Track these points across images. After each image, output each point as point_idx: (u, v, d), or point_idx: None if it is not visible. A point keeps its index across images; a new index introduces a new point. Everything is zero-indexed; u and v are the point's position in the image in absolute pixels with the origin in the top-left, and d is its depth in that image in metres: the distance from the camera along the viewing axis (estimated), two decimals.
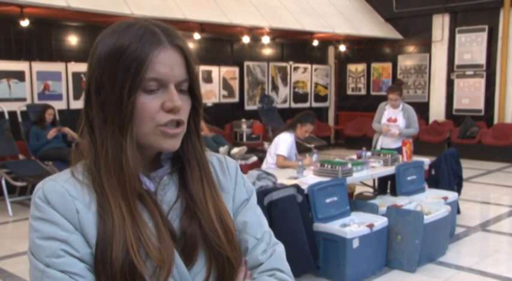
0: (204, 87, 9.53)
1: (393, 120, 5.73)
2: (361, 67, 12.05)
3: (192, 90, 0.92)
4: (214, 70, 10.11)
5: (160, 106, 0.86)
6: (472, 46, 10.16)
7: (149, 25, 0.88)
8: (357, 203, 4.49)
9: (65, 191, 0.85)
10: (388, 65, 11.56)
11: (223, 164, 1.03)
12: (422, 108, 10.99)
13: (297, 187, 3.80)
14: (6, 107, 6.87)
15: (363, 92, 12.08)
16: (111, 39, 0.86)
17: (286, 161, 4.89)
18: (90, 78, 0.88)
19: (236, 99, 10.62)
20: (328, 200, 3.99)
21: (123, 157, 0.85)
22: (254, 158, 7.09)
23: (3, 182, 6.08)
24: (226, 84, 10.41)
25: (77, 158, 0.92)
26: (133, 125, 0.86)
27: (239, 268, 0.94)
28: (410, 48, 11.23)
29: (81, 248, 0.83)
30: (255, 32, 9.26)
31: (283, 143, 4.95)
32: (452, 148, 6.06)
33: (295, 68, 11.68)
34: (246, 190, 1.03)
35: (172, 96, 0.86)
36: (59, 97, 7.86)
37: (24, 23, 6.94)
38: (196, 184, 0.94)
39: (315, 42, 10.88)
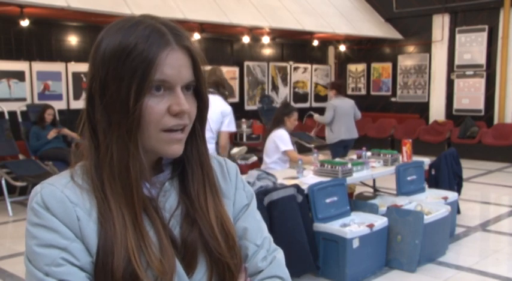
0: None
1: None
2: (361, 67, 12.05)
3: (198, 92, 0.89)
4: None
5: (167, 109, 0.83)
6: (472, 46, 10.16)
7: (156, 24, 0.84)
8: (357, 203, 4.49)
9: (65, 197, 0.82)
10: (388, 65, 11.56)
11: (224, 168, 1.01)
12: (422, 108, 11.00)
13: (297, 187, 3.80)
14: (6, 107, 6.88)
15: (363, 92, 12.08)
16: (116, 38, 0.83)
17: (295, 153, 4.94)
18: (93, 77, 0.84)
19: (236, 99, 10.62)
20: (328, 200, 3.99)
21: (131, 162, 0.82)
22: (254, 158, 7.09)
23: (3, 182, 6.08)
24: (226, 85, 10.40)
25: (76, 159, 0.89)
26: (140, 129, 0.83)
27: (239, 274, 0.93)
28: (410, 48, 11.23)
29: (81, 257, 0.80)
30: (255, 32, 9.26)
31: (285, 138, 4.96)
32: (452, 148, 6.06)
33: (295, 68, 11.68)
34: (246, 195, 1.01)
35: (179, 99, 0.83)
36: (59, 97, 7.86)
37: (24, 23, 6.94)
38: (198, 189, 0.91)
39: (315, 42, 10.88)
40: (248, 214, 1.00)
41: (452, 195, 4.99)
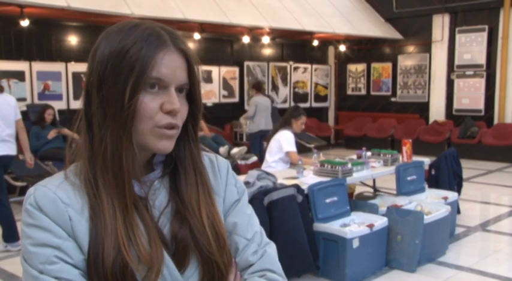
0: (204, 87, 9.54)
1: None
2: (361, 67, 12.05)
3: (192, 96, 0.92)
4: (214, 70, 10.12)
5: (160, 107, 0.86)
6: (472, 46, 10.16)
7: (155, 27, 0.88)
8: (357, 203, 4.49)
9: (57, 198, 0.84)
10: (388, 65, 11.56)
11: (215, 165, 1.03)
12: (422, 108, 11.00)
13: (297, 187, 3.80)
14: None
15: (363, 92, 12.08)
16: (116, 38, 0.86)
17: (297, 156, 4.96)
18: (91, 73, 0.88)
19: (236, 99, 10.62)
20: (328, 200, 3.99)
21: (123, 153, 0.85)
22: (254, 158, 7.09)
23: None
24: (226, 84, 10.41)
25: (71, 156, 0.91)
26: (134, 124, 0.85)
27: (229, 269, 0.94)
28: (410, 48, 11.23)
29: (74, 255, 0.83)
30: (255, 32, 9.26)
31: (290, 140, 4.98)
32: (452, 148, 6.06)
33: (295, 68, 11.68)
34: (237, 190, 1.03)
35: (172, 98, 0.86)
36: (59, 97, 7.86)
37: (24, 23, 6.95)
38: (191, 189, 0.93)
39: (315, 42, 10.88)
40: (239, 209, 1.01)
41: (452, 195, 4.99)
